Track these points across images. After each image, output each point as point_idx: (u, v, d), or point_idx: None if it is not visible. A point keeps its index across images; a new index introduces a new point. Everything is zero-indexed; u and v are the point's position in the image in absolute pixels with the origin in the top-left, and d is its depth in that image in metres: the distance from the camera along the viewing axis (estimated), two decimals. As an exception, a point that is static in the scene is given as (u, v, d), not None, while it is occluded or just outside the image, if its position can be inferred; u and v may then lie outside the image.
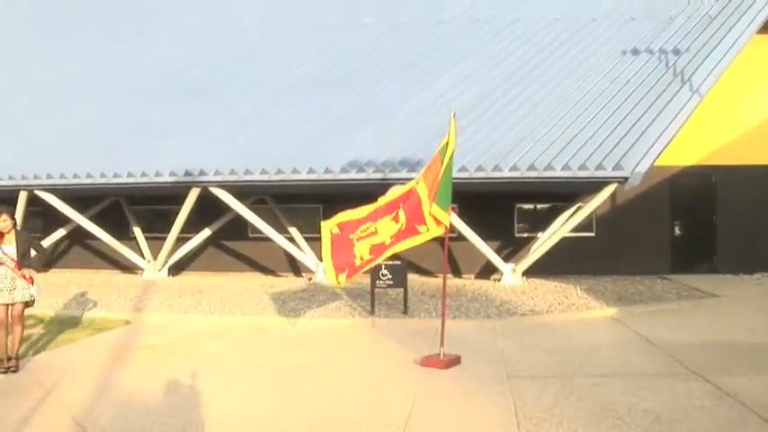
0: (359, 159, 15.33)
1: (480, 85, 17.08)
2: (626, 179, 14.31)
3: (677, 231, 17.75)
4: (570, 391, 7.34)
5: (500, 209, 18.11)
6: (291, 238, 18.49)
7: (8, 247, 8.96)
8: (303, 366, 8.95)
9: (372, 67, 18.65)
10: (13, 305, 8.95)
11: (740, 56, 16.21)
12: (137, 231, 19.73)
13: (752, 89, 17.26)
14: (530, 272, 16.33)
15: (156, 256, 18.25)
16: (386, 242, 9.00)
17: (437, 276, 17.97)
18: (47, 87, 20.88)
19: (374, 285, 12.58)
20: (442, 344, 8.82)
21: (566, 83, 16.66)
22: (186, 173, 16.01)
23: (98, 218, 19.36)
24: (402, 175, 14.59)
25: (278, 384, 8.08)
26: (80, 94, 20.12)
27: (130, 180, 16.40)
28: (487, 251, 16.24)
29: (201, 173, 15.97)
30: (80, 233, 19.30)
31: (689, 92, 15.33)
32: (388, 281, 12.60)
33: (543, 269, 16.39)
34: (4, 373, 8.69)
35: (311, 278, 17.35)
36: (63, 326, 12.15)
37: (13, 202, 18.03)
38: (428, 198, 8.92)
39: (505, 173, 14.68)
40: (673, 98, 15.41)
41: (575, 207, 16.84)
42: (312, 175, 15.41)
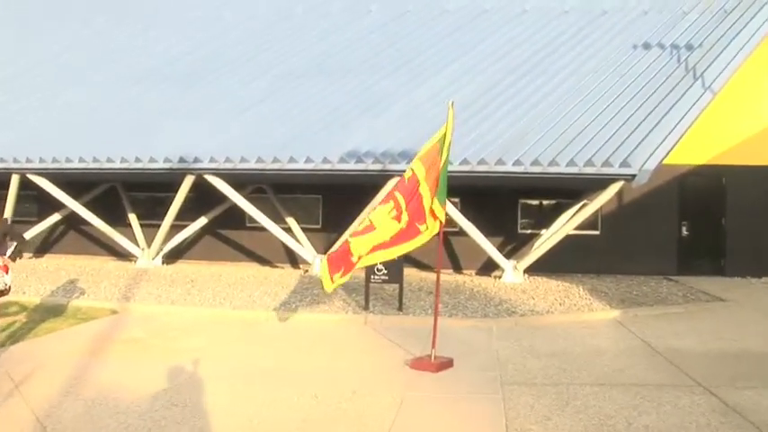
0: (358, 150, 14.88)
1: (485, 77, 16.60)
2: (633, 177, 13.80)
3: (685, 232, 17.23)
4: (566, 402, 6.89)
5: (503, 204, 17.69)
6: (289, 229, 18.08)
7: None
8: (285, 366, 8.53)
9: (374, 56, 18.19)
10: (-15, 294, 8.56)
11: (755, 52, 15.68)
12: (132, 218, 19.35)
13: (766, 87, 16.69)
14: (532, 269, 15.88)
15: (151, 244, 17.86)
16: (386, 241, 8.46)
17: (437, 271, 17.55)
18: (45, 73, 20.57)
19: (369, 280, 12.17)
20: (433, 345, 8.38)
21: (573, 77, 16.15)
22: (181, 159, 15.60)
23: (94, 203, 19.03)
24: (401, 166, 14.12)
25: (254, 386, 7.65)
26: (78, 80, 19.78)
27: (124, 166, 16.01)
28: (489, 247, 15.77)
29: (196, 160, 15.56)
30: (75, 219, 18.96)
31: (701, 88, 14.80)
32: (384, 276, 12.18)
33: (546, 267, 15.95)
34: (-26, 364, 8.33)
35: (307, 270, 16.94)
36: (47, 314, 11.77)
37: (6, 186, 17.77)
38: (430, 194, 8.46)
39: (508, 167, 14.20)
40: (684, 94, 14.88)
41: (580, 204, 16.36)
42: (309, 165, 14.96)
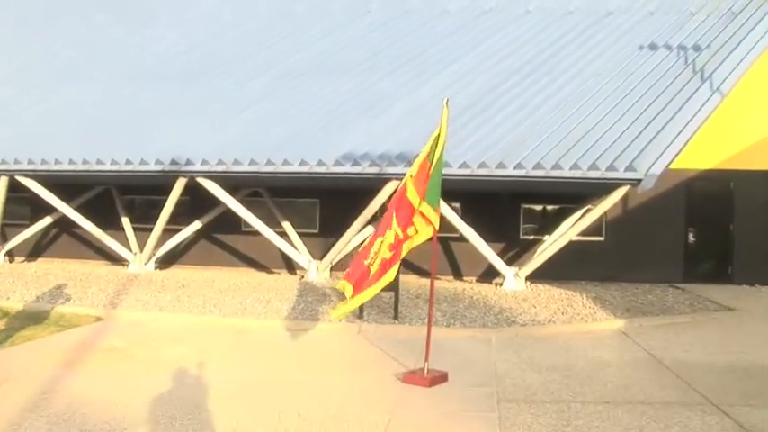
0: (354, 152, 14.40)
1: (486, 78, 16.13)
2: (639, 181, 13.29)
3: (691, 238, 16.73)
4: (567, 422, 6.40)
5: (505, 209, 17.26)
6: (285, 234, 17.63)
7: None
8: (270, 379, 8.05)
9: (373, 56, 17.74)
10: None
11: (764, 54, 15.20)
12: (125, 222, 18.92)
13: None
14: (534, 276, 15.38)
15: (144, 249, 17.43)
16: (386, 257, 7.87)
17: (438, 278, 17.09)
18: (40, 72, 20.21)
19: (363, 288, 11.66)
20: (426, 358, 7.90)
21: (577, 78, 15.68)
22: (172, 162, 15.15)
23: (87, 207, 18.64)
24: (399, 169, 13.67)
25: (236, 401, 7.18)
26: (72, 80, 19.41)
27: (114, 168, 15.57)
28: (489, 253, 15.26)
29: (188, 162, 15.11)
30: (68, 222, 18.50)
31: (709, 90, 14.32)
32: (378, 283, 11.66)
33: (548, 274, 15.46)
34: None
35: (303, 276, 16.48)
36: (28, 321, 11.34)
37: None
38: (417, 196, 7.96)
39: (510, 171, 13.71)
40: (691, 97, 14.41)
41: (583, 209, 15.87)
42: (304, 168, 14.49)
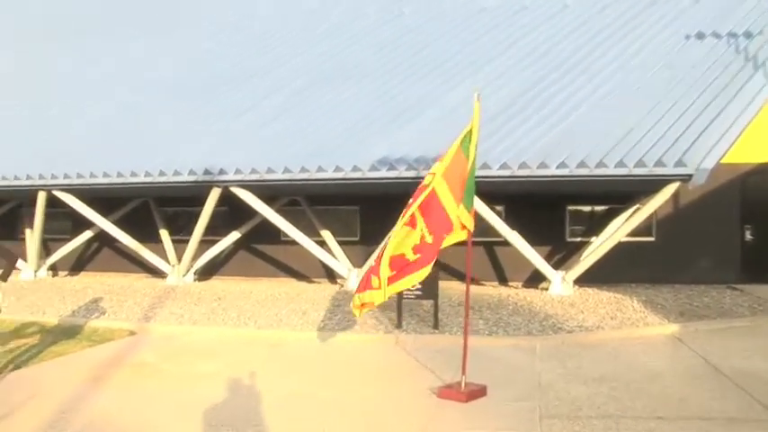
0: (390, 156, 13.94)
1: (525, 76, 15.56)
2: (690, 177, 12.53)
3: (748, 236, 15.86)
4: (615, 441, 5.86)
5: (550, 211, 16.62)
6: (324, 242, 17.29)
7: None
8: (301, 395, 7.64)
9: (408, 59, 17.32)
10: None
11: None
12: (163, 234, 18.83)
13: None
14: (581, 280, 14.72)
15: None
16: (407, 256, 7.22)
17: (482, 284, 16.57)
18: (69, 88, 20.39)
19: (401, 296, 11.20)
20: (463, 371, 7.40)
21: (621, 71, 15.01)
22: (206, 172, 14.94)
23: (126, 220, 18.65)
24: (436, 173, 13.18)
25: (263, 421, 6.79)
26: (102, 95, 19.61)
27: (148, 180, 15.43)
28: (534, 257, 14.65)
29: (221, 172, 14.87)
30: (108, 236, 18.50)
31: (763, 78, 13.50)
32: (417, 291, 11.13)
33: (596, 277, 14.81)
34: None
35: (342, 285, 16.10)
36: (61, 336, 11.20)
37: (34, 203, 17.47)
38: (454, 201, 7.43)
39: (552, 170, 13.09)
40: (744, 86, 13.60)
41: (632, 209, 15.14)
42: (339, 174, 14.10)
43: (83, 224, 18.64)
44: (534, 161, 13.20)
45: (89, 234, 18.94)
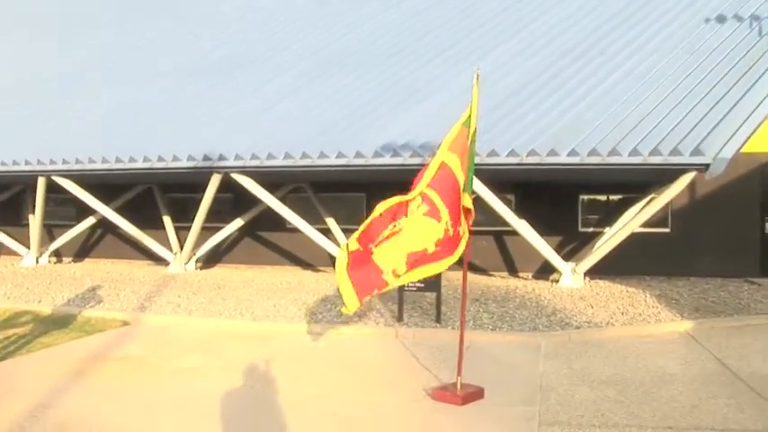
0: (394, 142, 13.45)
1: (536, 60, 15.00)
2: (707, 167, 11.93)
3: (767, 229, 15.26)
4: (620, 453, 5.38)
5: (562, 200, 16.10)
6: (329, 230, 16.88)
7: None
8: (284, 393, 7.18)
9: (413, 43, 16.81)
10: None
11: None
12: (166, 221, 18.48)
13: None
14: (593, 272, 14.24)
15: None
16: (428, 250, 6.64)
17: (491, 275, 16.12)
18: (72, 75, 20.07)
19: (402, 288, 10.72)
20: (459, 372, 6.94)
21: (637, 55, 14.40)
22: (205, 157, 14.53)
23: (130, 206, 18.35)
24: (442, 160, 12.68)
25: (235, 420, 6.38)
26: (104, 81, 19.23)
27: (146, 165, 15.05)
28: (544, 248, 14.14)
29: (221, 158, 14.45)
30: (112, 223, 18.15)
31: (786, 64, 12.90)
32: (419, 283, 10.66)
33: (609, 269, 14.33)
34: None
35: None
36: (52, 326, 10.86)
37: (34, 188, 17.19)
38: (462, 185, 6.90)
39: (563, 158, 12.54)
40: (766, 72, 12.97)
41: (647, 199, 14.58)
42: (341, 160, 13.62)
43: (86, 211, 18.35)
44: (544, 148, 12.66)
45: (92, 221, 18.64)
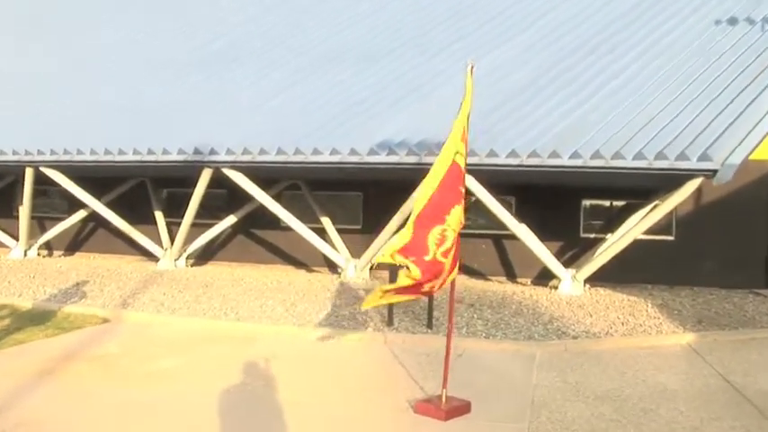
0: (390, 140, 13.00)
1: (541, 59, 14.55)
2: (714, 173, 11.44)
3: (775, 239, 14.76)
4: (613, 480, 4.93)
5: (564, 204, 15.60)
6: (323, 230, 16.44)
7: None
8: (256, 401, 6.76)
9: (414, 39, 16.36)
10: None
11: None
12: (158, 216, 18.05)
13: None
14: (594, 279, 13.75)
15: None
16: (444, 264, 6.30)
17: (489, 279, 15.66)
18: (62, 65, 19.71)
19: (393, 291, 10.27)
20: (444, 384, 6.49)
21: (645, 55, 13.94)
22: (196, 151, 14.09)
23: (122, 200, 17.94)
24: (440, 159, 12.24)
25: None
26: (95, 73, 18.84)
27: (136, 158, 14.62)
28: (543, 253, 13.66)
29: (212, 152, 14.01)
30: (103, 217, 17.73)
31: (798, 68, 12.42)
32: (410, 286, 10.23)
33: (610, 277, 13.86)
34: None
35: (340, 275, 15.24)
36: (29, 322, 10.47)
37: (22, 179, 16.80)
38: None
39: (564, 161, 12.05)
40: (777, 76, 12.52)
41: (651, 205, 14.09)
42: (335, 157, 13.17)
43: (78, 204, 17.94)
44: (545, 150, 12.19)
45: (82, 214, 18.22)
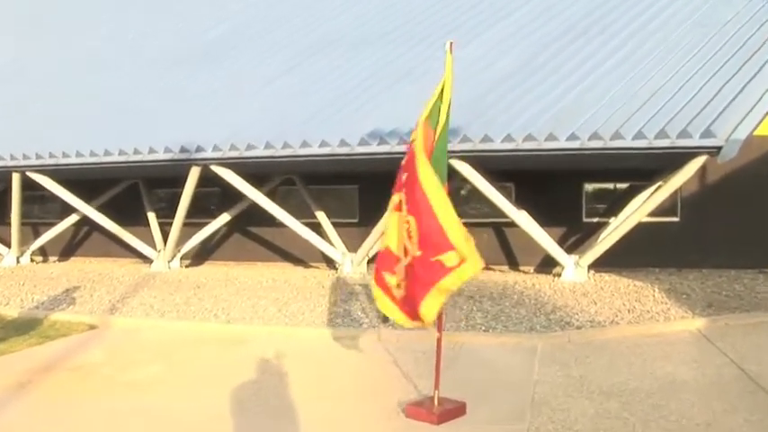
0: (381, 129, 12.57)
1: (534, 39, 14.10)
2: (719, 149, 10.95)
3: (784, 216, 14.28)
4: (620, 487, 4.51)
5: (564, 189, 15.16)
6: (319, 224, 16.03)
7: None
8: (240, 409, 6.37)
9: (403, 25, 15.95)
10: None
11: None
12: (150, 217, 17.68)
13: None
14: (598, 264, 13.34)
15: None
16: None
17: (491, 269, 15.22)
18: (46, 66, 19.37)
19: (389, 286, 9.85)
20: (436, 385, 6.08)
21: (642, 31, 13.48)
22: (182, 149, 13.69)
23: (114, 203, 17.58)
24: (432, 147, 11.81)
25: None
26: (79, 72, 18.46)
27: (123, 159, 14.23)
28: (544, 239, 13.24)
29: (199, 149, 13.61)
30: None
31: (804, 38, 11.94)
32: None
33: (615, 262, 13.46)
34: None
35: (336, 271, 14.85)
36: (13, 331, 10.12)
37: (10, 185, 16.45)
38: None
39: (562, 143, 11.60)
40: (782, 47, 12.04)
41: (654, 186, 13.62)
42: (325, 149, 12.75)
43: (69, 208, 17.58)
44: (542, 133, 11.74)
45: (74, 218, 17.86)
